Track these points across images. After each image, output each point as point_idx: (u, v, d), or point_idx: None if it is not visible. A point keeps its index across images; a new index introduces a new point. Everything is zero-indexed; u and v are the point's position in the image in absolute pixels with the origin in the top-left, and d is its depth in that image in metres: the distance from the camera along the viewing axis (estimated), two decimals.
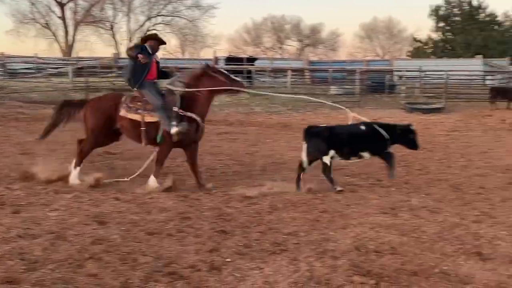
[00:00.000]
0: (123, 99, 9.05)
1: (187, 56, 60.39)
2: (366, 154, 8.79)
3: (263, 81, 33.84)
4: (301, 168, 8.78)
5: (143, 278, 4.76)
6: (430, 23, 70.48)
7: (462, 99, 27.74)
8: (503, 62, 42.14)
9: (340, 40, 74.51)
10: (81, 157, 9.04)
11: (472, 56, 48.62)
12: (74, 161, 8.98)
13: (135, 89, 9.04)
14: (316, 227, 6.47)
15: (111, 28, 61.96)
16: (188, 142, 8.97)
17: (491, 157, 12.95)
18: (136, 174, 9.17)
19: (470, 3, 64.85)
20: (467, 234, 6.28)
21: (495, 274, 4.97)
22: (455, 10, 66.33)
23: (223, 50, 63.71)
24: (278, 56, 62.23)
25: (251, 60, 37.82)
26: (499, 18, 67.11)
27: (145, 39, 9.43)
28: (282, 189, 8.42)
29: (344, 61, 47.57)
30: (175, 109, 8.75)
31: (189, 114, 8.83)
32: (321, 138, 8.71)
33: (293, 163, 9.63)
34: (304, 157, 8.77)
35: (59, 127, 9.39)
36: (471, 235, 6.21)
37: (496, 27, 66.49)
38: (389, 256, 5.42)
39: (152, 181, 8.74)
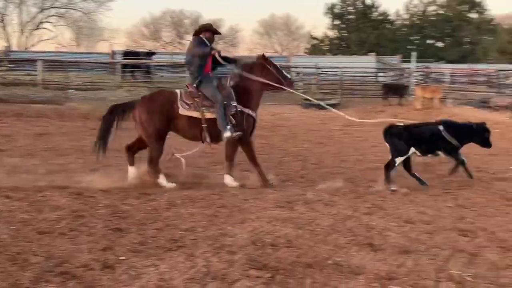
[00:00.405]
0: (178, 96, 8.77)
1: (82, 49, 58.75)
2: (440, 153, 8.94)
3: (162, 75, 33.44)
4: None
5: (33, 278, 4.57)
6: (326, 21, 72.26)
7: (356, 95, 28.64)
8: (394, 59, 43.89)
9: (240, 36, 74.99)
10: (156, 165, 8.70)
11: (365, 54, 50.30)
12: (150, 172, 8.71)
13: (194, 84, 8.77)
14: (214, 222, 6.45)
15: (2, 20, 59.13)
16: (245, 137, 8.89)
17: (382, 151, 13.38)
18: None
19: (363, 2, 67.10)
20: (359, 226, 6.46)
21: (385, 264, 5.13)
22: (350, 9, 68.38)
23: (121, 44, 62.29)
24: (178, 51, 61.79)
25: (149, 54, 37.26)
26: (391, 17, 69.80)
27: (201, 30, 9.13)
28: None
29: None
30: (234, 103, 8.71)
31: (246, 110, 8.84)
32: (402, 138, 8.82)
33: None
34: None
35: (112, 134, 8.87)
36: (363, 227, 6.40)
37: (388, 25, 69.06)
38: (285, 249, 5.49)
39: (229, 179, 8.75)
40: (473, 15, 69.91)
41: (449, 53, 64.64)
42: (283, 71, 9.24)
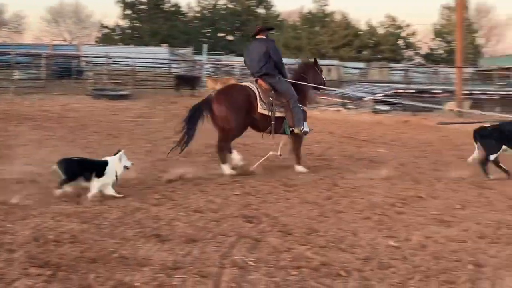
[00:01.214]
0: (256, 94, 9.26)
1: None
2: None
3: None
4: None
5: None
6: (118, 10, 70.94)
7: (149, 86, 28.53)
8: (187, 51, 44.43)
9: (25, 23, 70.87)
10: (228, 144, 9.34)
11: (158, 45, 50.25)
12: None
13: (277, 79, 9.41)
14: None
15: None
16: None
17: (175, 142, 13.45)
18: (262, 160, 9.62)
19: None
20: (147, 217, 6.40)
21: (172, 254, 5.13)
22: None
23: None
24: None
25: None
26: (183, 9, 70.48)
27: (261, 30, 9.76)
28: None
29: (29, 45, 45.28)
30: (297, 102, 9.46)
31: (302, 106, 9.60)
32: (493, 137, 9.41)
33: None
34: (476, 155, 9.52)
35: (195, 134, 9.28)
36: (151, 218, 6.36)
37: (181, 17, 69.69)
38: (69, 245, 5.26)
39: (300, 168, 9.49)
40: (261, 10, 73.25)
41: (239, 46, 66.99)
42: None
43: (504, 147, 9.39)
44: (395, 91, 24.13)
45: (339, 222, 6.45)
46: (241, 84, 9.97)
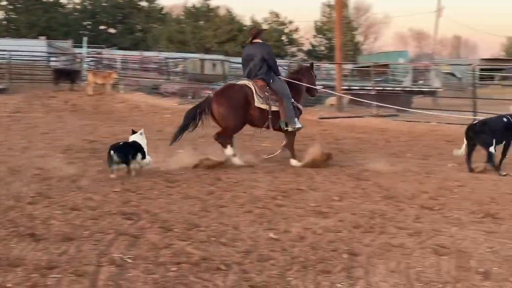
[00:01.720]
0: (252, 90, 9.79)
1: None
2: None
3: None
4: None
5: None
6: None
7: (26, 80, 27.34)
8: (66, 44, 42.97)
9: None
10: (230, 138, 9.83)
11: (36, 37, 48.25)
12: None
13: (267, 81, 9.92)
14: None
15: None
16: None
17: (52, 138, 13.03)
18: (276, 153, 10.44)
19: None
20: (21, 216, 6.14)
21: (46, 253, 4.94)
22: None
23: None
24: None
25: None
26: (63, 0, 68.15)
27: (257, 33, 10.45)
28: None
29: None
30: (292, 100, 10.03)
31: (296, 104, 10.20)
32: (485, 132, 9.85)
33: None
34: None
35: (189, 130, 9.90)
36: (25, 217, 6.10)
37: (60, 9, 67.33)
38: None
39: (295, 162, 9.97)
40: (144, 3, 72.17)
41: (121, 40, 65.80)
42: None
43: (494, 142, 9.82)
44: None
45: (221, 216, 6.46)
46: (238, 83, 10.34)
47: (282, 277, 4.64)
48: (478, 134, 9.96)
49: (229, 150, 9.74)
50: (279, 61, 13.43)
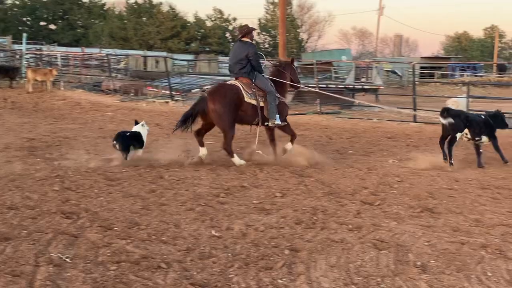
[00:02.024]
0: (240, 86, 9.98)
1: None
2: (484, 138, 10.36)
3: None
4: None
5: None
6: None
7: None
8: (5, 40, 41.79)
9: None
10: (230, 146, 9.88)
11: None
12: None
13: (251, 78, 10.15)
14: None
15: None
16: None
17: None
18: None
19: None
20: None
21: None
22: None
23: None
24: None
25: None
26: None
27: (246, 32, 10.47)
28: None
29: None
30: (277, 95, 10.28)
31: (283, 99, 10.54)
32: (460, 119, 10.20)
33: None
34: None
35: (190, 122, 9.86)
36: None
37: None
38: None
39: (289, 146, 10.42)
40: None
41: (62, 36, 64.47)
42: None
43: (466, 130, 10.26)
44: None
45: (162, 214, 6.41)
46: (227, 83, 10.57)
47: (223, 274, 4.64)
48: (454, 117, 10.23)
49: (237, 159, 9.87)
50: (223, 58, 13.47)
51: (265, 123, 10.20)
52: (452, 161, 9.99)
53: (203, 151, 10.00)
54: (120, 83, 26.17)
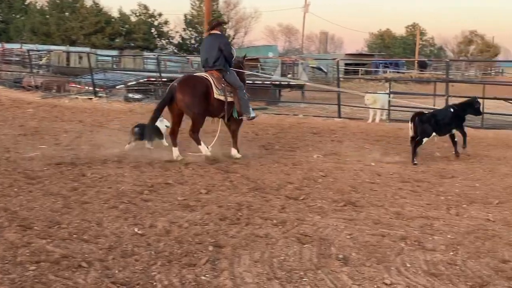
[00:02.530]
0: (211, 81, 10.07)
1: None
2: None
3: None
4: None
5: None
6: None
7: None
8: None
9: None
10: (198, 133, 10.05)
11: None
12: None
13: (227, 73, 10.33)
14: None
15: None
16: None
17: None
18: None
19: None
20: None
21: None
22: None
23: None
24: None
25: None
26: None
27: (219, 24, 10.91)
28: None
29: None
30: (244, 90, 10.49)
31: (248, 95, 10.69)
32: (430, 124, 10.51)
33: None
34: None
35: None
36: None
37: None
38: None
39: (235, 152, 10.49)
40: None
41: None
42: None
43: (434, 133, 10.58)
44: (148, 79, 24.16)
45: (84, 213, 6.27)
46: (197, 74, 10.72)
47: (145, 272, 4.58)
48: (423, 123, 10.50)
49: (203, 146, 10.02)
50: (149, 54, 13.27)
51: (236, 117, 10.45)
52: (416, 162, 10.20)
53: (175, 152, 9.92)
54: (42, 79, 25.45)
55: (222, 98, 10.18)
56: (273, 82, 26.04)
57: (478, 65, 70.97)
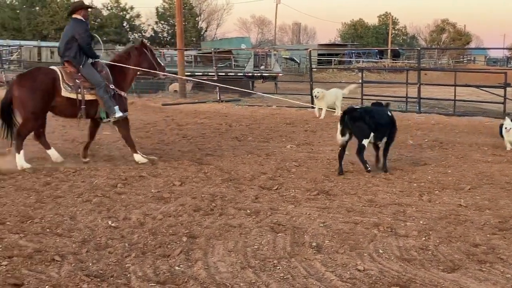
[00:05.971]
0: (59, 76, 8.56)
1: None
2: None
3: None
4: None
5: None
6: None
7: None
8: None
9: None
10: (23, 140, 8.38)
11: None
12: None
13: (80, 66, 8.72)
14: None
15: None
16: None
17: None
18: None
19: None
20: None
21: None
22: None
23: None
24: None
25: None
26: None
27: (76, 9, 8.93)
28: None
29: None
30: (112, 86, 8.89)
31: (119, 91, 9.00)
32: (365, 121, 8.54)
33: None
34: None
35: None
36: None
37: None
38: None
39: (138, 157, 9.03)
40: None
41: None
42: (158, 58, 9.73)
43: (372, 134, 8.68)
44: None
45: (58, 207, 6.26)
46: (45, 67, 9.19)
47: (119, 264, 4.60)
48: (356, 121, 8.57)
49: (21, 158, 8.32)
50: (120, 48, 12.99)
51: (103, 118, 8.98)
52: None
53: (53, 154, 8.97)
54: (13, 75, 25.11)
55: (73, 96, 8.65)
56: (246, 74, 26.06)
57: (450, 54, 71.82)
